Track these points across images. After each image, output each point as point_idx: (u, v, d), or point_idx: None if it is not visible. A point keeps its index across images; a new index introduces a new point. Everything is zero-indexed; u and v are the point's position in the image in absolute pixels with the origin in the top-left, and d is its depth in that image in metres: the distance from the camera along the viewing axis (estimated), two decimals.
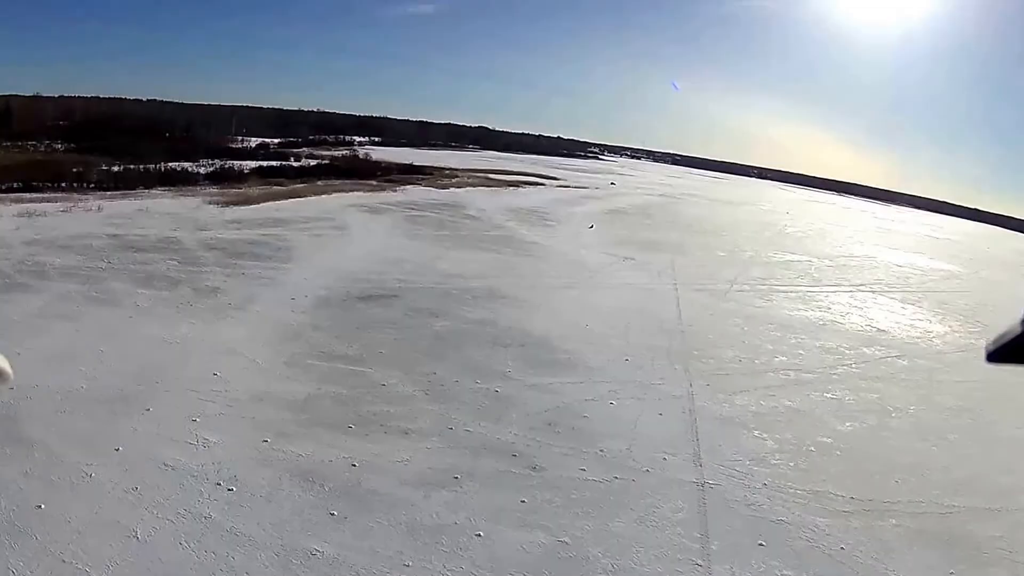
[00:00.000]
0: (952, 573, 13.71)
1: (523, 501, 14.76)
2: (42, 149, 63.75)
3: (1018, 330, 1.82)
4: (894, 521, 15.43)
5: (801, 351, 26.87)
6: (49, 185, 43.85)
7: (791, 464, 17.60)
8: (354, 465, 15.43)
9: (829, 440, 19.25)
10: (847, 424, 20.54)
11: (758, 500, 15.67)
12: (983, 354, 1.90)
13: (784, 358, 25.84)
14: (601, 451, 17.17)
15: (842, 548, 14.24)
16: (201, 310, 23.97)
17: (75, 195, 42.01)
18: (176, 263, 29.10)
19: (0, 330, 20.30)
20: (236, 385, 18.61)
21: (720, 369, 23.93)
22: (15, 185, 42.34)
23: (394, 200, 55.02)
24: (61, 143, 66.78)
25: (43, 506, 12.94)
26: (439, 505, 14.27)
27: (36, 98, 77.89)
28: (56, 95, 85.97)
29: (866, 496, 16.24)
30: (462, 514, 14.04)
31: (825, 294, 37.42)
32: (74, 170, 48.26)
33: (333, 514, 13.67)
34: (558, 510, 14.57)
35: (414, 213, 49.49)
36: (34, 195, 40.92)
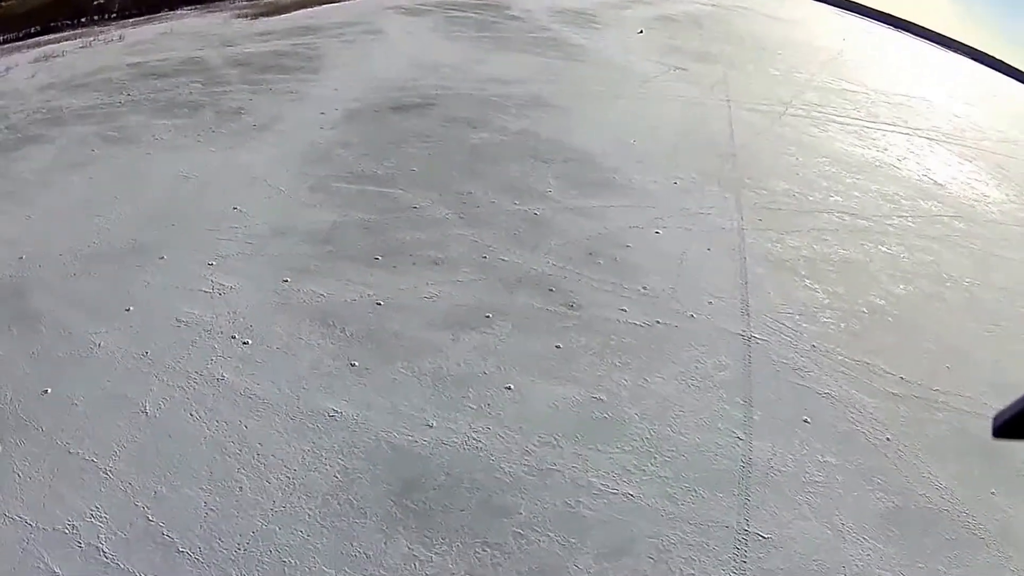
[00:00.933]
0: (993, 493, 11.48)
1: (558, 347, 12.92)
2: None
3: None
4: (940, 416, 12.93)
5: (856, 193, 23.52)
6: (69, 24, 41.37)
7: (842, 325, 15.06)
8: (378, 304, 13.78)
9: (882, 303, 16.44)
10: (901, 287, 17.63)
11: (805, 365, 13.48)
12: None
13: (839, 198, 22.61)
14: (644, 289, 15.00)
15: (887, 439, 12.08)
16: (223, 135, 22.00)
17: (96, 28, 39.34)
18: (199, 85, 26.87)
19: (10, 191, 18.79)
20: (257, 219, 16.89)
21: (772, 203, 20.92)
22: (33, 30, 40.11)
23: (434, 1, 51.17)
24: None
25: (49, 390, 11.73)
26: (467, 351, 12.56)
27: None
28: None
29: (915, 379, 13.71)
30: (491, 362, 12.33)
31: (882, 132, 33.09)
32: (95, 2, 45.62)
33: (354, 365, 12.14)
34: (595, 359, 12.66)
35: (455, 14, 45.53)
36: (54, 36, 38.42)
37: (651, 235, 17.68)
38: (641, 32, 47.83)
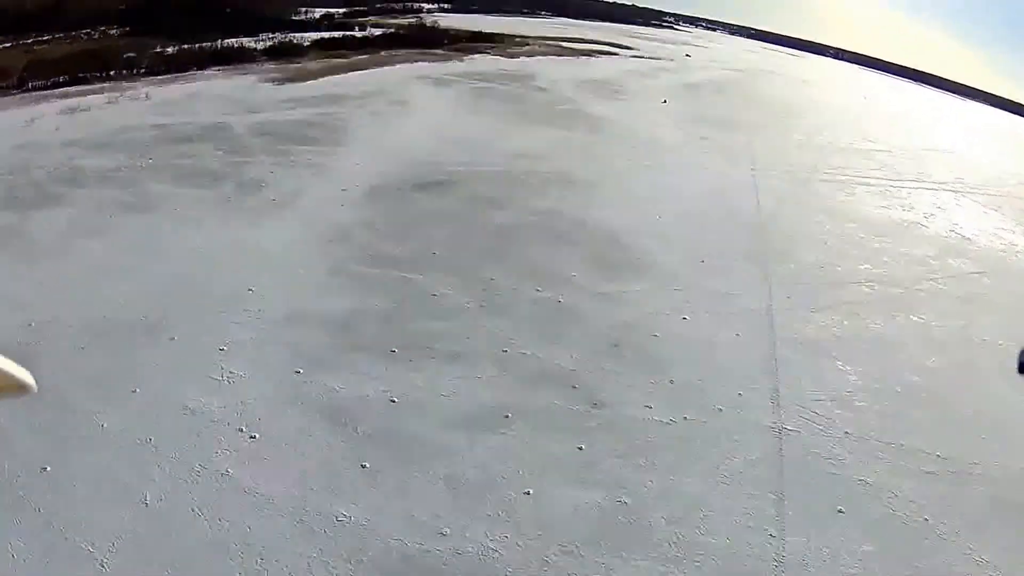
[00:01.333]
0: None
1: (580, 448, 12.89)
2: (96, 37, 62.47)
3: None
4: (978, 489, 13.05)
5: (885, 258, 24.06)
6: (97, 76, 42.43)
7: (875, 408, 15.22)
8: (393, 401, 13.79)
9: (916, 379, 16.71)
10: (933, 358, 17.86)
11: (838, 453, 13.47)
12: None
13: (868, 266, 23.12)
14: (671, 382, 15.07)
15: (925, 520, 12.05)
16: (242, 210, 22.38)
17: (124, 83, 40.53)
18: (222, 153, 27.47)
19: (26, 252, 19.15)
20: (271, 302, 17.07)
21: (801, 276, 21.37)
22: (62, 80, 41.06)
23: (460, 71, 52.03)
24: (116, 28, 65.28)
25: (48, 468, 11.75)
26: (485, 453, 12.54)
27: None
28: None
29: (951, 454, 13.88)
30: (510, 465, 12.28)
31: (907, 191, 33.94)
32: (125, 56, 46.75)
33: (365, 466, 12.10)
34: (619, 461, 12.64)
35: (481, 85, 46.57)
36: (81, 88, 39.53)
37: (678, 321, 17.86)
38: (665, 102, 48.83)
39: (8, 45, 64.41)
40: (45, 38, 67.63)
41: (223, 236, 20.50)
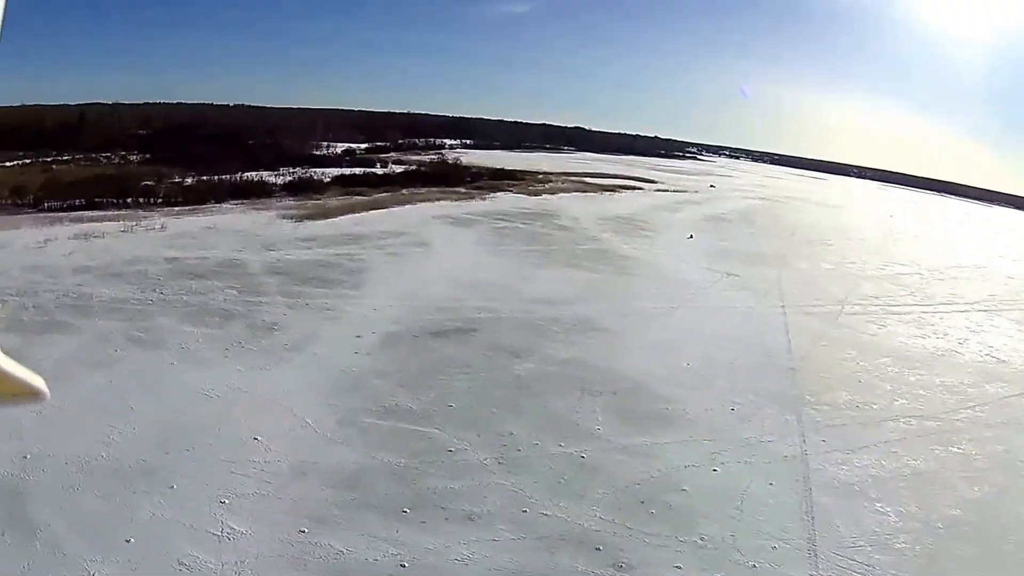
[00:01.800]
0: None
1: None
2: (116, 161, 64.44)
3: None
4: None
5: (921, 391, 24.49)
6: (114, 202, 43.58)
7: (917, 548, 15.16)
8: (403, 566, 13.42)
9: (957, 512, 16.75)
10: (975, 488, 18.01)
11: None
12: None
13: (904, 401, 23.48)
14: (701, 539, 14.80)
15: None
16: (252, 353, 22.43)
17: (140, 212, 41.82)
18: (235, 292, 27.79)
19: None
20: (277, 453, 16.87)
21: (835, 418, 21.50)
22: (78, 203, 42.11)
23: (481, 210, 53.30)
24: (136, 154, 67.31)
25: None
26: None
27: (115, 107, 78.88)
28: (139, 102, 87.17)
29: None
30: None
31: (939, 316, 34.85)
32: (143, 184, 48.03)
33: None
34: None
35: (502, 224, 47.61)
36: (97, 213, 40.84)
37: (708, 473, 17.63)
38: (691, 237, 49.77)
39: (28, 162, 66.44)
40: (65, 158, 69.79)
41: (231, 379, 20.48)
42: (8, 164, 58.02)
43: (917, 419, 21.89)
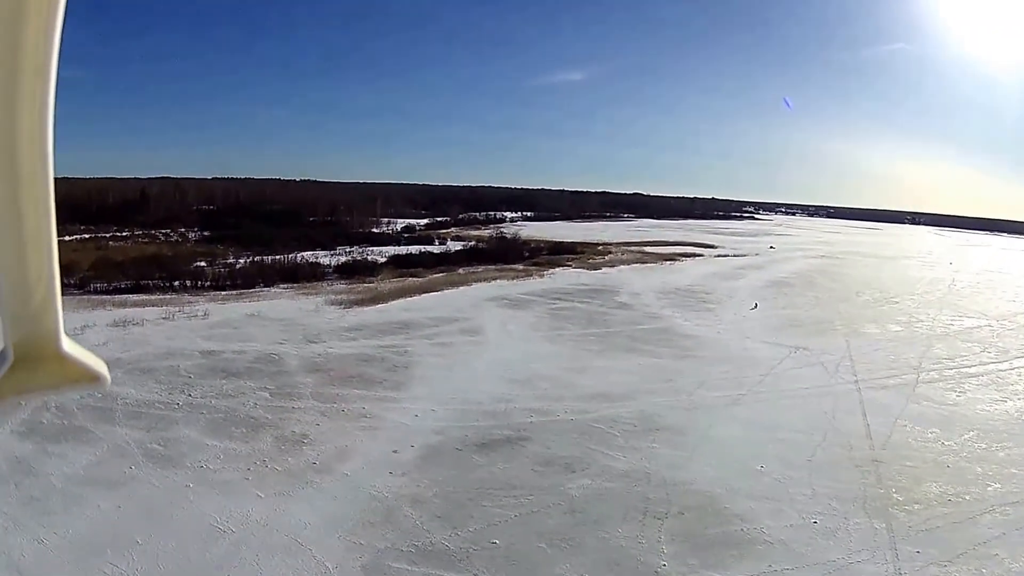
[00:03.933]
0: None
1: None
2: (173, 239, 64.33)
3: None
4: None
5: (1014, 469, 22.45)
6: (160, 285, 42.64)
7: None
8: None
9: None
10: None
11: None
12: None
13: (997, 485, 21.31)
14: None
15: None
16: (276, 475, 20.43)
17: (187, 296, 40.72)
18: (267, 395, 26.02)
19: (35, 499, 17.83)
20: None
21: (928, 519, 19.16)
22: (124, 285, 41.26)
23: (539, 288, 51.64)
24: (196, 231, 67.26)
25: None
26: None
27: (179, 181, 79.65)
28: (206, 176, 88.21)
29: None
30: None
31: (1017, 372, 33.41)
32: (194, 266, 47.25)
33: None
34: None
35: (560, 304, 45.89)
36: (141, 297, 39.88)
37: None
38: (756, 306, 47.88)
39: (86, 237, 66.77)
40: (124, 234, 70.09)
41: (249, 509, 18.44)
42: (67, 239, 57.96)
43: (1013, 506, 19.88)
